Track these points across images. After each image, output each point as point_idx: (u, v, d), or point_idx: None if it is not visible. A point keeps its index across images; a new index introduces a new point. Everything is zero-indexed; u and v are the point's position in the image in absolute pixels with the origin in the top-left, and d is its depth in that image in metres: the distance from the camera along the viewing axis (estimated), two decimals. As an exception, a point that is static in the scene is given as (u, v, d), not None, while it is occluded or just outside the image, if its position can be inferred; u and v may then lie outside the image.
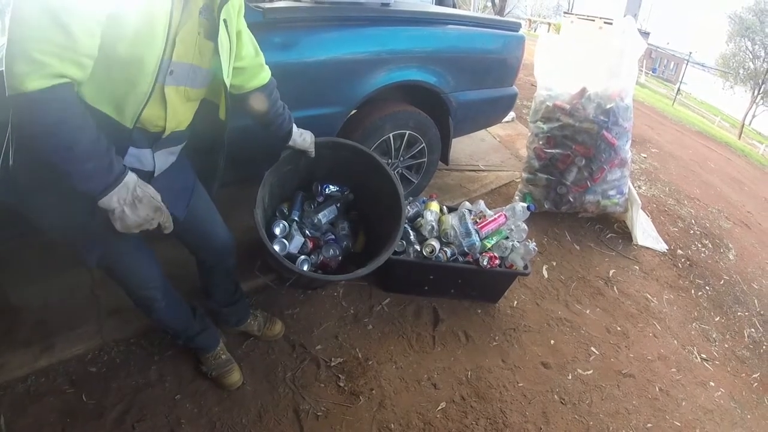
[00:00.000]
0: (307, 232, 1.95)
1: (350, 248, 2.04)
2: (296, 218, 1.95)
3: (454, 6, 10.97)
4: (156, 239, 1.28)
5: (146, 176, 1.14)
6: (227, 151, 1.34)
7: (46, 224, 1.11)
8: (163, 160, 1.20)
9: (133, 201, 0.98)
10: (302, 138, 1.63)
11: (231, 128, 1.28)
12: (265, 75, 1.41)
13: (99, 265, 1.22)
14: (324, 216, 1.98)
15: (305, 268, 1.79)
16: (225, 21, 1.13)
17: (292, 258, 1.78)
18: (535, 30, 20.59)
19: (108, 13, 0.86)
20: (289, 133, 1.58)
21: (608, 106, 2.64)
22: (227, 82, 1.19)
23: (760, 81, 21.70)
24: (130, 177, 0.98)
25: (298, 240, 1.87)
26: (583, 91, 2.71)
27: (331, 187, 2.04)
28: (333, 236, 2.01)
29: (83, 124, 0.89)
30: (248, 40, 1.34)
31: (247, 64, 1.34)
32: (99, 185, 0.93)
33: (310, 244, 1.92)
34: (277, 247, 1.70)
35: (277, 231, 1.84)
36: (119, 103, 0.98)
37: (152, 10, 0.93)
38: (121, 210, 0.97)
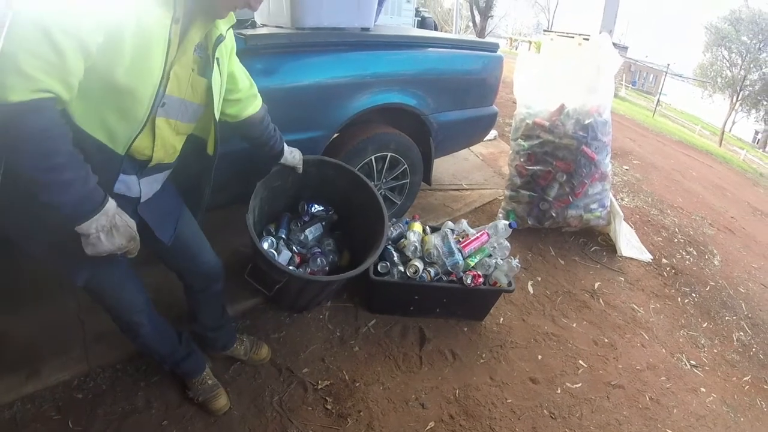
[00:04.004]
0: (294, 248, 1.98)
1: (336, 263, 2.06)
2: (283, 236, 1.98)
3: (435, 28, 11.19)
4: (142, 264, 1.30)
5: (133, 202, 1.17)
6: (213, 182, 1.37)
7: (31, 246, 1.11)
8: (149, 187, 1.22)
9: (110, 228, 0.98)
10: (292, 156, 1.76)
11: (219, 153, 1.32)
12: (258, 102, 1.50)
13: (87, 286, 1.22)
14: (310, 233, 2.02)
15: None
16: (218, 60, 1.18)
17: None
18: (516, 48, 21.01)
19: (104, 36, 0.88)
20: (281, 152, 1.70)
21: (587, 122, 2.70)
22: (217, 117, 1.23)
23: (738, 88, 22.22)
24: (111, 204, 0.99)
25: (286, 254, 1.91)
26: (562, 107, 2.77)
27: (316, 206, 2.08)
28: (319, 249, 2.04)
29: (64, 132, 0.90)
30: (242, 74, 1.41)
31: (242, 96, 1.42)
32: (75, 200, 0.93)
33: (297, 259, 1.95)
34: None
35: (266, 245, 1.86)
36: (113, 130, 1.01)
37: (150, 39, 0.95)
38: (97, 236, 0.97)
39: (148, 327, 1.40)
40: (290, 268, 1.82)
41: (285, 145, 1.71)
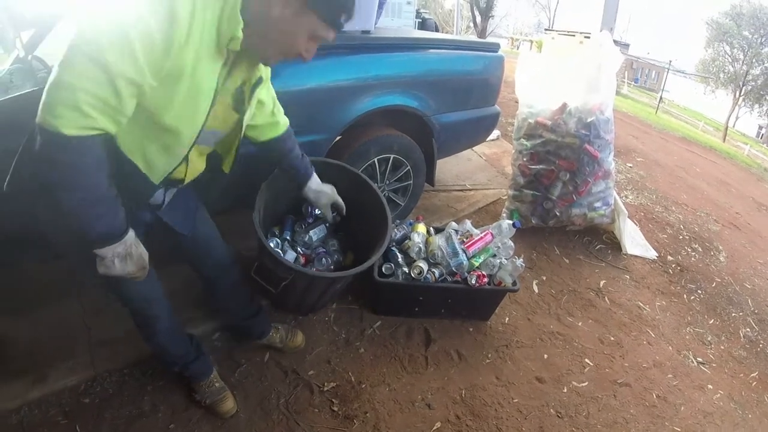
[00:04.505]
0: (299, 249, 1.99)
1: (341, 262, 2.07)
2: (288, 238, 1.99)
3: (436, 29, 11.19)
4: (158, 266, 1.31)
5: (156, 207, 1.24)
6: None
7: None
8: (170, 194, 1.29)
9: (125, 256, 1.04)
10: (316, 194, 1.72)
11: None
12: (280, 128, 1.50)
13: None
14: (315, 234, 2.03)
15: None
16: (252, 98, 1.22)
17: None
18: (518, 48, 20.99)
19: (160, 81, 0.92)
20: (303, 183, 1.68)
21: (589, 120, 2.70)
22: (238, 144, 1.29)
23: (741, 83, 22.16)
24: (130, 235, 1.04)
25: (291, 255, 1.92)
26: (564, 106, 2.77)
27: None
28: (324, 249, 2.04)
29: (104, 169, 0.94)
30: (269, 100, 1.43)
31: (262, 122, 1.44)
32: (103, 231, 0.98)
33: (302, 260, 1.95)
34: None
35: (271, 245, 1.87)
36: (152, 160, 1.07)
37: (200, 87, 1.00)
38: (111, 260, 1.02)
39: (165, 322, 1.43)
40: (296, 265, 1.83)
41: (313, 180, 1.69)
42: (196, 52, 0.93)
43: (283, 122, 1.50)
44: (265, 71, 1.26)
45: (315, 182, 1.70)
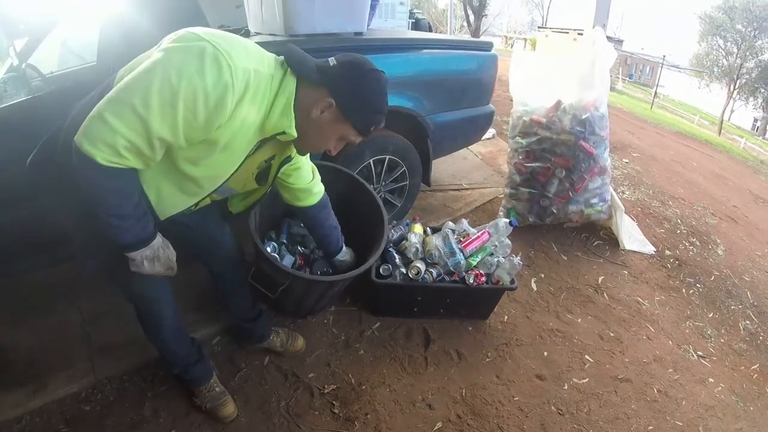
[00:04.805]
0: (298, 248, 2.00)
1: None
2: (284, 241, 1.99)
3: (429, 29, 11.20)
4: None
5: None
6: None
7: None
8: None
9: (153, 258, 1.14)
10: (340, 263, 1.83)
11: None
12: (315, 197, 1.57)
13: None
14: None
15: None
16: (278, 173, 1.34)
17: None
18: (512, 46, 21.03)
19: (203, 143, 1.01)
20: (335, 254, 1.80)
21: (584, 117, 2.70)
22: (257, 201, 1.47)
23: (735, 77, 22.23)
24: (157, 240, 1.14)
25: (289, 259, 1.92)
26: (558, 103, 2.77)
27: None
28: (322, 254, 2.03)
29: (132, 191, 1.05)
30: (308, 171, 1.51)
31: (297, 186, 1.50)
32: (132, 242, 1.08)
33: (300, 262, 1.95)
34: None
35: (269, 249, 1.87)
36: (164, 197, 1.14)
37: (234, 153, 1.08)
38: (141, 262, 1.12)
39: (171, 321, 1.47)
40: (293, 269, 1.84)
41: (342, 253, 1.80)
42: (233, 134, 1.02)
43: (317, 191, 1.57)
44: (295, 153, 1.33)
45: (342, 253, 1.81)
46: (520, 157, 2.91)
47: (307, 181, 1.51)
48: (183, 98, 0.90)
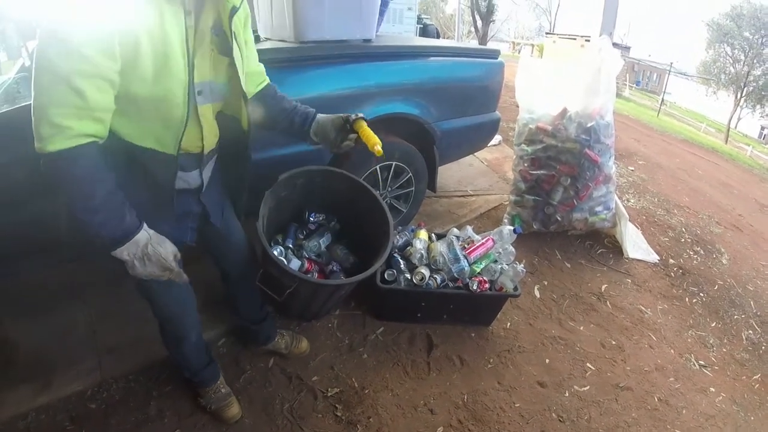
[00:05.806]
0: (305, 254, 2.00)
1: (358, 263, 2.01)
2: (291, 245, 2.00)
3: (437, 35, 11.23)
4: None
5: (195, 193, 1.26)
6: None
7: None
8: (206, 175, 1.30)
9: (142, 257, 1.05)
10: (323, 128, 1.48)
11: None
12: (265, 79, 1.43)
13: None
14: (323, 242, 2.03)
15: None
16: (235, 34, 1.16)
17: None
18: (519, 52, 21.02)
19: (121, 60, 0.91)
20: (307, 129, 1.47)
21: (589, 125, 2.71)
22: (246, 90, 1.23)
23: (742, 84, 22.13)
24: (142, 235, 1.05)
25: (296, 263, 1.92)
26: (564, 111, 2.79)
27: (317, 215, 2.08)
28: (338, 266, 2.01)
29: (101, 177, 0.97)
30: (252, 46, 1.36)
31: (251, 71, 1.35)
32: (108, 238, 1.01)
33: (307, 266, 1.96)
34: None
35: (276, 253, 1.88)
36: (160, 135, 1.07)
37: (167, 43, 0.96)
38: (132, 262, 1.05)
39: (193, 339, 1.48)
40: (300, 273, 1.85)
41: (319, 116, 1.48)
42: (140, 14, 0.91)
43: (265, 73, 1.43)
44: (242, 7, 1.18)
45: (321, 121, 1.48)
46: (526, 165, 2.93)
47: (257, 63, 1.38)
48: (66, 24, 0.85)
